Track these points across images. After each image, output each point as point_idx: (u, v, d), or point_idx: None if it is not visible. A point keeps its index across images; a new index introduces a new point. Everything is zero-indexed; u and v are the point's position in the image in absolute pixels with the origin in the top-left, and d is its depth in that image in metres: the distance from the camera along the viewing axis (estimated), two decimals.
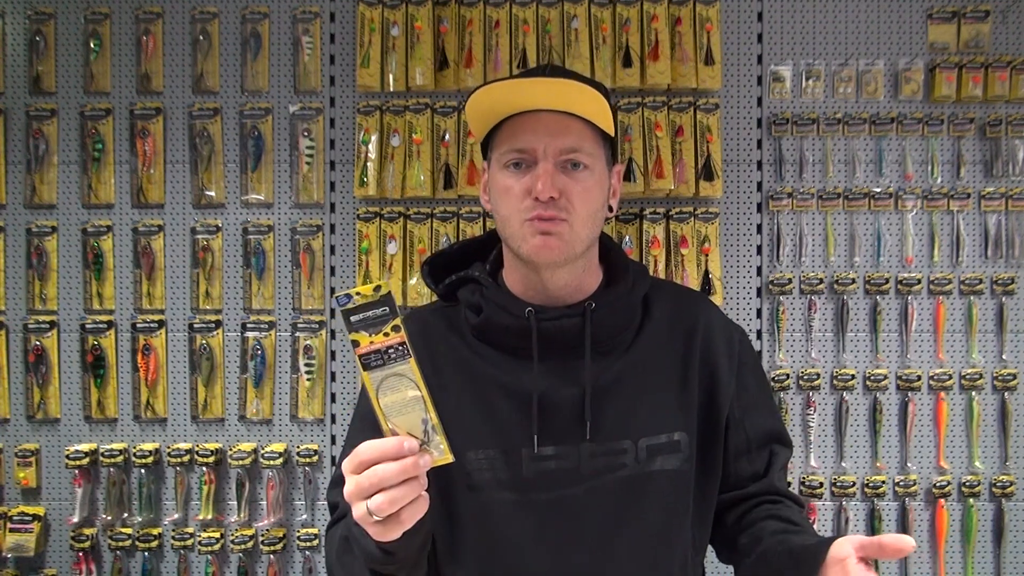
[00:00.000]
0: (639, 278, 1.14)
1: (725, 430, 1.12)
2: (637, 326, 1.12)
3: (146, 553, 2.04)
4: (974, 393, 2.06)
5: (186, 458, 2.03)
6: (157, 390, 2.08)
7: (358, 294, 0.80)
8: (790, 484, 2.01)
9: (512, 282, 1.13)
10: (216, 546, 2.02)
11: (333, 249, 2.09)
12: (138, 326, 2.07)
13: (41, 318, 2.08)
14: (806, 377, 2.05)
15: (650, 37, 2.03)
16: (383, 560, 0.90)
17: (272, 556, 2.04)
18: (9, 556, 2.04)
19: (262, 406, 2.07)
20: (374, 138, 2.04)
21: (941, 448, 2.06)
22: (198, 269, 2.08)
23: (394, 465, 0.80)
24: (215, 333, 2.07)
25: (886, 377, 2.05)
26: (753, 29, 2.09)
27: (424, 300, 2.01)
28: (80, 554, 2.04)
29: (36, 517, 2.04)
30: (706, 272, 2.03)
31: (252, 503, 2.06)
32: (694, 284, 2.02)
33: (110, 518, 2.05)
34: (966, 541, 2.05)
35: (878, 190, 2.07)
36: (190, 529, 2.06)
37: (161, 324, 2.08)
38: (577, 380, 1.06)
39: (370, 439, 0.83)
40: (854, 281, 2.06)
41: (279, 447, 2.05)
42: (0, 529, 2.04)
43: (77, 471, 2.03)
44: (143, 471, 2.04)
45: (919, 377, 2.05)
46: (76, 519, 2.03)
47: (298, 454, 2.05)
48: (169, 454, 2.04)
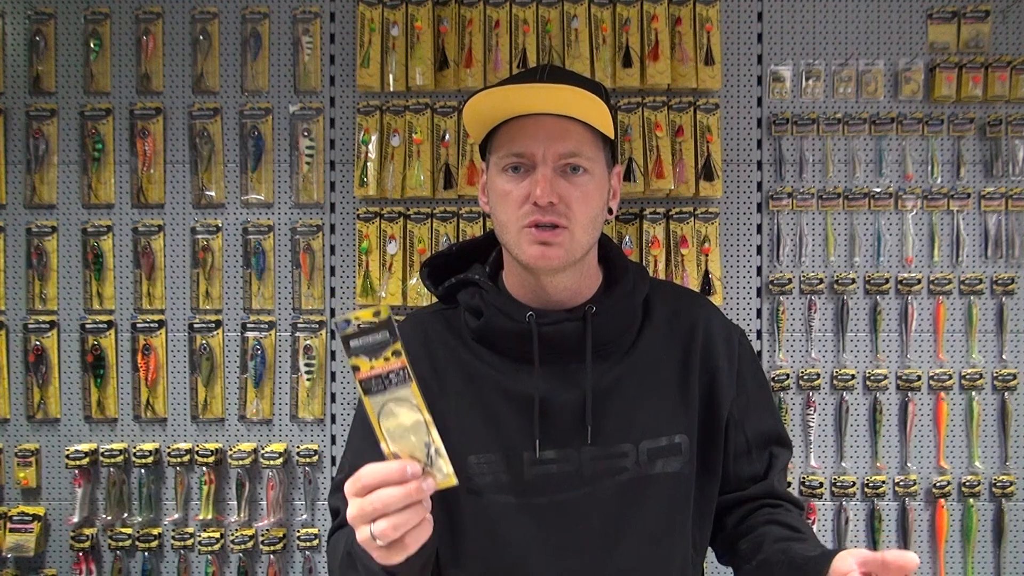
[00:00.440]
0: (639, 280, 1.13)
1: (725, 431, 1.12)
2: (637, 328, 1.12)
3: (146, 553, 2.04)
4: (974, 393, 2.06)
5: (186, 458, 2.03)
6: (157, 390, 2.08)
7: (357, 319, 0.79)
8: (790, 484, 2.02)
9: (512, 285, 1.12)
10: (216, 546, 2.02)
11: (333, 249, 2.09)
12: (138, 326, 2.07)
13: (41, 318, 2.08)
14: (806, 377, 2.05)
15: (650, 37, 2.03)
16: None
17: (272, 556, 2.04)
18: (9, 556, 2.04)
19: (262, 406, 2.07)
20: (374, 138, 2.04)
21: (941, 448, 2.06)
22: (198, 269, 2.08)
23: (398, 490, 0.78)
24: (215, 333, 2.07)
25: (886, 377, 2.05)
26: (753, 29, 2.09)
27: (424, 301, 2.01)
28: (80, 554, 2.04)
29: (36, 517, 2.03)
30: (706, 272, 2.03)
31: (252, 503, 2.06)
32: (694, 284, 2.02)
33: (110, 518, 2.05)
34: (966, 541, 2.05)
35: (878, 190, 2.07)
36: (190, 529, 2.06)
37: (161, 324, 2.08)
38: (578, 384, 1.06)
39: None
40: (854, 281, 2.06)
41: (279, 447, 2.05)
42: (0, 529, 2.04)
43: (77, 471, 2.03)
44: (143, 471, 2.04)
45: (919, 377, 2.05)
46: (76, 519, 2.03)
47: (298, 454, 2.05)
48: (169, 454, 2.04)
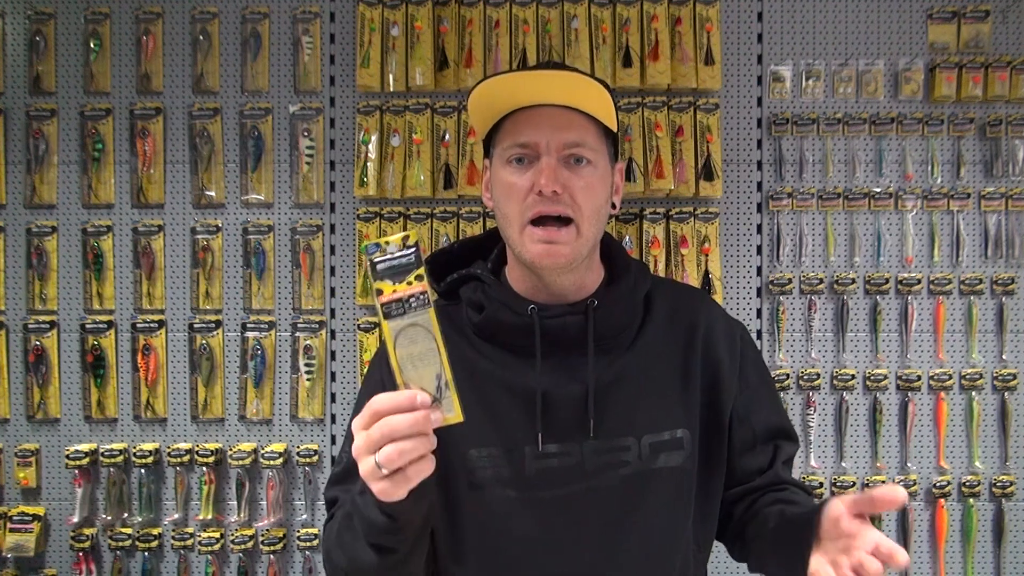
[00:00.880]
0: (641, 276, 1.14)
1: (729, 426, 1.12)
2: (639, 324, 1.12)
3: (146, 553, 2.04)
4: (974, 393, 2.06)
5: (186, 458, 2.03)
6: (157, 390, 2.07)
7: (387, 243, 0.81)
8: None
9: (514, 280, 1.13)
10: (216, 546, 2.02)
11: (333, 249, 2.09)
12: (138, 326, 2.07)
13: (41, 318, 2.08)
14: (806, 377, 2.05)
15: (650, 37, 2.03)
16: (386, 528, 0.89)
17: (272, 556, 2.04)
18: (9, 556, 2.04)
19: (262, 406, 2.07)
20: (374, 138, 2.04)
21: (941, 448, 2.06)
22: (198, 269, 2.08)
23: (406, 417, 0.80)
24: (215, 333, 2.07)
25: (886, 377, 2.05)
26: (753, 29, 2.09)
27: None
28: (80, 554, 2.04)
29: (36, 517, 2.03)
30: (706, 272, 2.03)
31: (252, 503, 2.06)
32: (694, 284, 2.02)
33: (110, 518, 2.04)
34: (966, 541, 2.05)
35: (878, 190, 2.07)
36: (190, 529, 2.06)
37: (161, 324, 2.08)
38: (580, 378, 1.06)
39: None
40: (854, 281, 2.06)
41: (279, 447, 2.05)
42: (0, 529, 2.04)
43: (77, 471, 2.03)
44: (143, 471, 2.04)
45: (919, 377, 2.05)
46: (76, 519, 2.03)
47: (298, 454, 2.05)
48: (169, 454, 2.04)
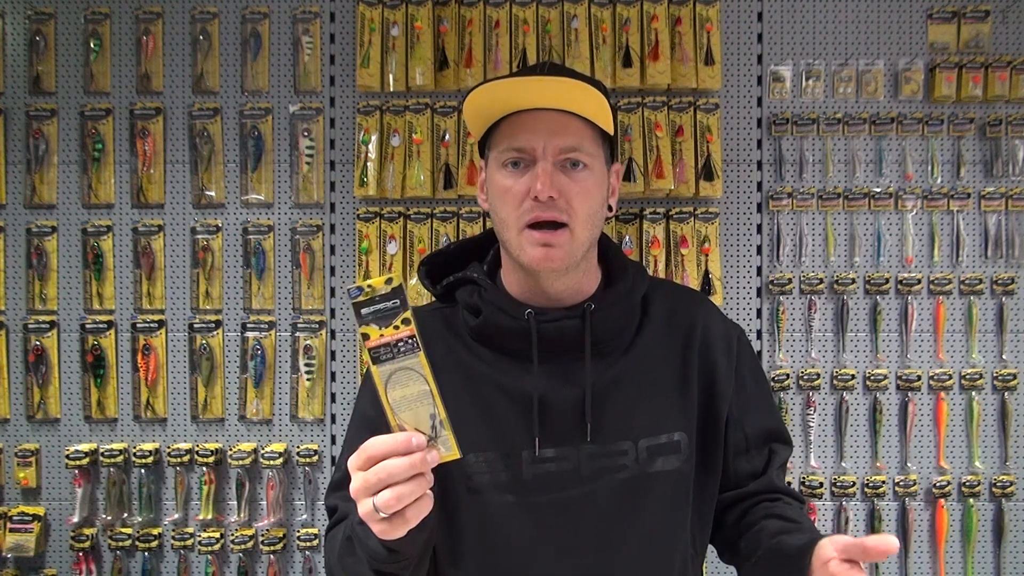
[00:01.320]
0: (638, 278, 1.13)
1: (724, 429, 1.12)
2: (636, 326, 1.12)
3: (146, 553, 2.04)
4: (974, 393, 2.06)
5: (186, 458, 2.03)
6: (157, 390, 2.08)
7: (370, 287, 0.79)
8: (790, 483, 2.01)
9: (510, 283, 1.12)
10: (216, 546, 2.02)
11: (333, 249, 2.09)
12: (138, 326, 2.07)
13: (41, 318, 2.08)
14: (806, 377, 2.05)
15: (650, 37, 2.03)
16: (387, 559, 0.89)
17: (272, 556, 2.04)
18: (9, 556, 2.04)
19: (262, 406, 2.07)
20: (374, 138, 2.04)
21: (941, 448, 2.06)
22: (198, 269, 2.08)
23: (402, 460, 0.79)
24: (215, 333, 2.07)
25: (886, 377, 2.05)
26: (753, 29, 2.09)
27: (424, 300, 2.01)
28: (80, 554, 2.04)
29: (36, 517, 2.04)
30: (706, 272, 2.03)
31: (252, 503, 2.06)
32: (694, 284, 2.02)
33: (110, 518, 2.05)
34: (966, 541, 2.05)
35: (878, 190, 2.07)
36: (190, 529, 2.06)
37: (161, 324, 2.08)
38: (577, 382, 1.05)
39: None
40: (854, 281, 2.06)
41: (279, 447, 2.05)
42: (0, 529, 2.04)
43: (77, 471, 2.03)
44: (143, 471, 2.04)
45: (919, 377, 2.05)
46: (76, 519, 2.03)
47: (298, 454, 2.05)
48: (169, 454, 2.04)
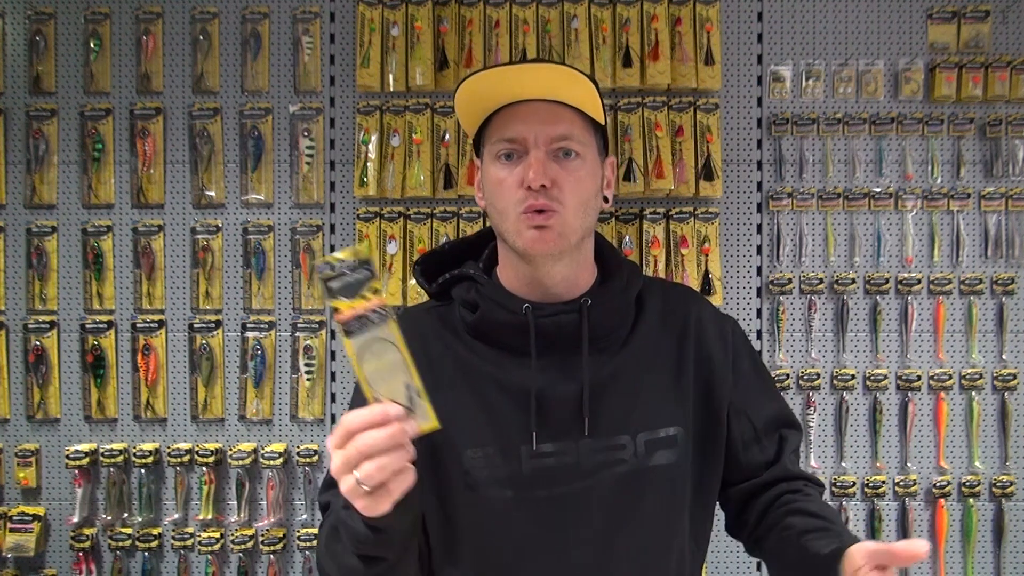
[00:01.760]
0: (632, 276, 1.14)
1: (728, 421, 1.12)
2: (632, 323, 1.12)
3: (146, 553, 2.04)
4: (974, 393, 2.06)
5: (186, 458, 2.03)
6: (157, 390, 2.08)
7: (338, 261, 0.78)
8: None
9: (507, 279, 1.13)
10: (216, 546, 2.02)
11: (333, 249, 2.09)
12: (138, 326, 2.07)
13: (41, 318, 2.08)
14: (806, 377, 2.05)
15: (650, 37, 2.03)
16: (373, 540, 0.89)
17: (272, 556, 2.04)
18: (9, 556, 2.04)
19: (262, 406, 2.07)
20: (374, 138, 2.04)
21: (941, 448, 2.06)
22: (198, 269, 2.08)
23: (381, 431, 0.79)
24: (215, 333, 2.07)
25: (886, 377, 2.05)
26: (753, 29, 2.09)
27: (423, 299, 2.01)
28: (80, 554, 2.04)
29: (36, 517, 2.04)
30: (706, 272, 2.03)
31: (252, 503, 2.06)
32: (694, 284, 2.02)
33: (110, 518, 2.05)
34: (966, 541, 2.05)
35: (878, 190, 2.07)
36: (190, 529, 2.06)
37: (161, 324, 2.08)
38: (574, 376, 1.06)
39: None
40: (854, 281, 2.06)
41: (279, 447, 2.05)
42: (0, 529, 2.04)
43: (77, 471, 2.03)
44: (143, 471, 2.05)
45: (919, 377, 2.05)
46: (76, 519, 2.03)
47: (298, 454, 2.05)
48: (169, 454, 2.04)
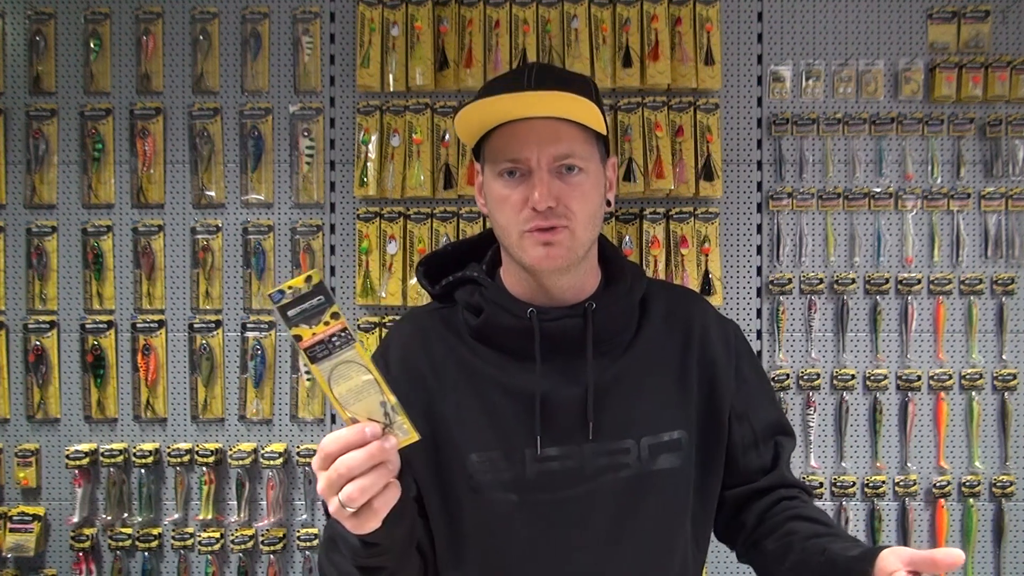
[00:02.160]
0: (636, 279, 1.14)
1: (730, 425, 1.12)
2: (636, 326, 1.12)
3: (146, 553, 2.04)
4: (974, 393, 2.06)
5: (186, 458, 2.03)
6: (157, 390, 2.08)
7: (290, 288, 0.78)
8: None
9: (510, 282, 1.13)
10: (216, 546, 2.02)
11: (333, 249, 2.09)
12: (138, 326, 2.07)
13: (41, 318, 2.08)
14: (806, 377, 2.05)
15: (650, 37, 2.03)
16: (367, 554, 0.89)
17: (272, 556, 2.04)
18: (9, 556, 2.04)
19: (262, 406, 2.07)
20: (374, 138, 2.04)
21: (941, 448, 2.06)
22: (198, 269, 2.08)
23: (359, 452, 0.78)
24: (215, 333, 2.07)
25: (886, 377, 2.05)
26: (753, 29, 2.09)
27: (424, 301, 2.01)
28: (80, 554, 2.04)
29: (36, 517, 2.04)
30: (706, 272, 2.03)
31: (252, 503, 2.06)
32: (694, 284, 2.02)
33: (110, 518, 2.05)
34: (966, 541, 2.05)
35: (878, 190, 2.07)
36: (190, 529, 2.06)
37: (161, 324, 2.08)
38: (578, 380, 1.05)
39: None
40: (854, 281, 2.06)
41: (279, 447, 2.05)
42: (0, 529, 2.04)
43: (77, 471, 2.03)
44: (143, 471, 2.04)
45: (919, 377, 2.05)
46: (76, 519, 2.03)
47: (298, 454, 2.05)
48: (169, 454, 2.04)
